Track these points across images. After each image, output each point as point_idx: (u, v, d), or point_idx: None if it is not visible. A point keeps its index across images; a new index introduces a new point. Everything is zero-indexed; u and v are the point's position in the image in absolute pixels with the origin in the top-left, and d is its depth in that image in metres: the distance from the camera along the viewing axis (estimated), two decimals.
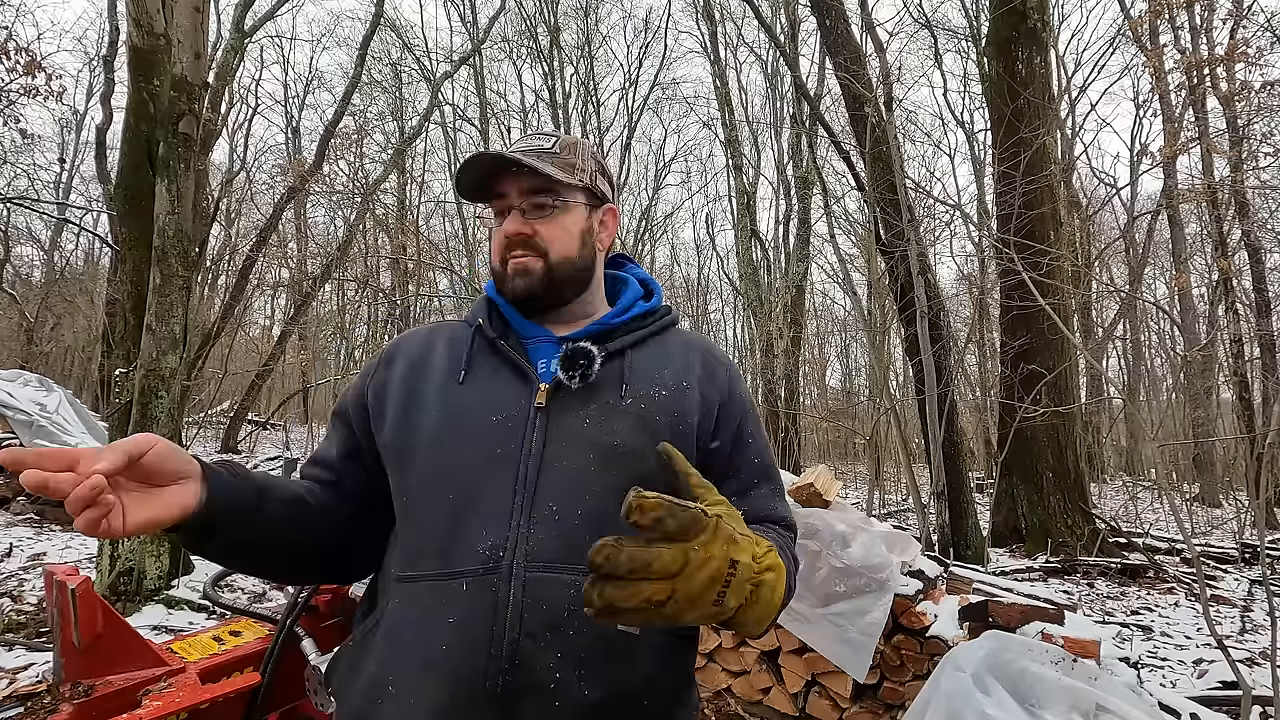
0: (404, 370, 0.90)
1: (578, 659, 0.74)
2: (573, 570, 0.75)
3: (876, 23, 9.47)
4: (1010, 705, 1.72)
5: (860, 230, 12.64)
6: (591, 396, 0.84)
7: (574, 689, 0.74)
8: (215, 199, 11.31)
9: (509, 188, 0.91)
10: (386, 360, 0.94)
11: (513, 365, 0.87)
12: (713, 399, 0.90)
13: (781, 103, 18.22)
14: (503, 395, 0.84)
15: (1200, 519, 10.21)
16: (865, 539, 2.66)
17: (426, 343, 0.94)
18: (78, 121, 18.58)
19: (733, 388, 0.93)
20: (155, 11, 3.88)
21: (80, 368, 17.26)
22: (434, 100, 15.73)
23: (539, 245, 0.90)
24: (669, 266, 26.21)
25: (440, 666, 0.74)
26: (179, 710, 1.05)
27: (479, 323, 0.91)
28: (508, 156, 0.88)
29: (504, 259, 0.91)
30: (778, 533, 0.86)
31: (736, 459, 0.91)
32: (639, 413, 0.83)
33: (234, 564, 0.83)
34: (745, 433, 0.92)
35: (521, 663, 0.73)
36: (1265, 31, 8.26)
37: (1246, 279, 11.20)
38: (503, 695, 0.72)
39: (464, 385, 0.86)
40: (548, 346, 0.90)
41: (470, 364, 0.88)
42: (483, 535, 0.76)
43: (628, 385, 0.85)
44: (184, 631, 2.93)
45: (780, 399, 13.73)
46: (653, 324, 0.94)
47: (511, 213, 0.91)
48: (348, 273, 15.87)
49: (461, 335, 0.93)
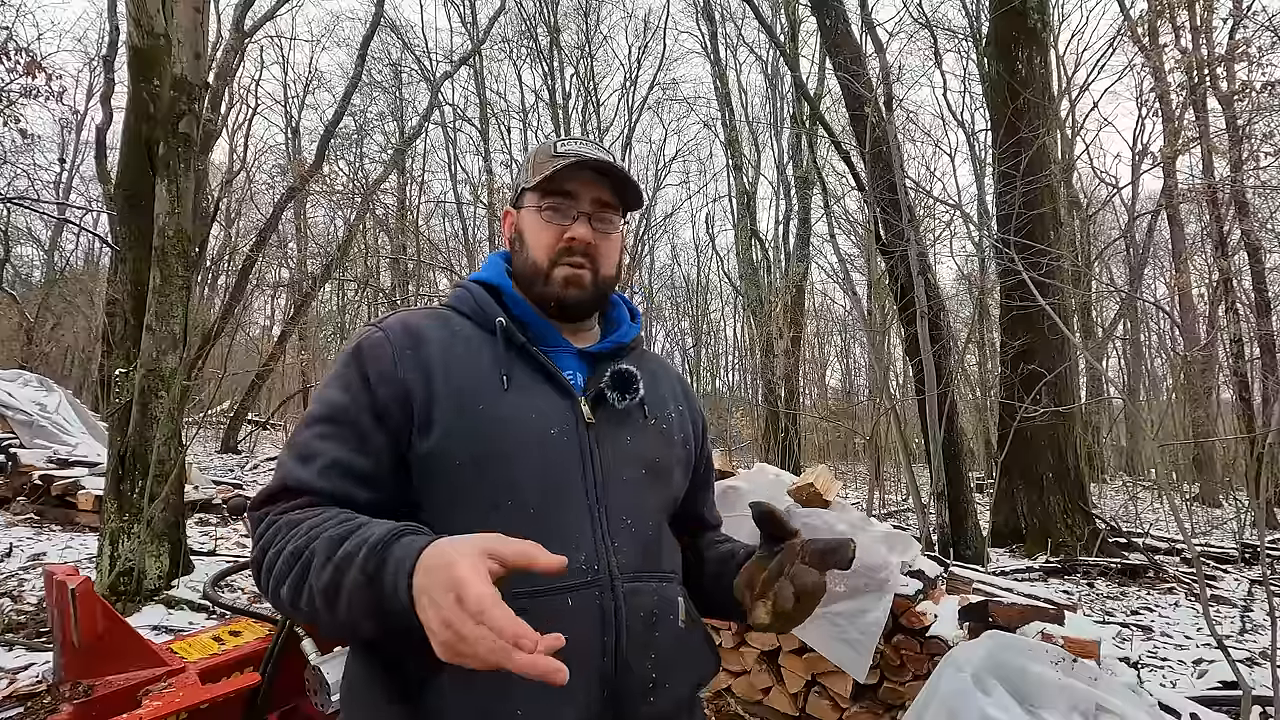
0: (439, 368, 0.81)
1: (665, 661, 0.81)
2: (654, 578, 0.83)
3: (876, 23, 9.47)
4: (1010, 705, 1.72)
5: (860, 230, 12.64)
6: (627, 416, 0.88)
7: (664, 689, 0.80)
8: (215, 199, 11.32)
9: (581, 191, 0.89)
10: (409, 349, 0.81)
11: (550, 376, 0.85)
12: (698, 422, 1.02)
13: (781, 103, 18.25)
14: (551, 407, 0.82)
15: (1200, 519, 10.20)
16: (865, 539, 2.65)
17: (444, 335, 0.85)
18: (78, 121, 18.56)
19: (698, 406, 1.04)
20: (155, 11, 3.88)
21: (80, 368, 17.24)
22: (434, 100, 15.74)
23: (596, 259, 0.90)
24: (669, 266, 26.23)
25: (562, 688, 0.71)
26: (179, 710, 1.05)
27: (501, 321, 0.85)
28: (609, 160, 0.88)
29: (556, 261, 0.88)
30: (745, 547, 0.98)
31: (706, 471, 1.04)
32: (662, 431, 0.91)
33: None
34: (707, 450, 1.05)
35: (629, 669, 0.77)
36: (1265, 31, 8.26)
37: (1246, 279, 11.20)
38: (612, 700, 0.77)
39: (509, 393, 0.81)
40: (569, 358, 0.89)
41: (510, 369, 0.83)
42: (574, 549, 0.76)
43: (648, 405, 0.91)
44: (184, 631, 2.93)
45: (780, 399, 13.73)
46: (641, 345, 0.99)
47: (580, 218, 0.88)
48: (348, 273, 15.88)
49: (476, 333, 0.86)
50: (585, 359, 0.90)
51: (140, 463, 3.75)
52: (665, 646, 0.81)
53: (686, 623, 0.85)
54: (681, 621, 0.85)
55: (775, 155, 18.63)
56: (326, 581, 0.65)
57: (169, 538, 3.94)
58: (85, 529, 5.44)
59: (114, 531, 3.73)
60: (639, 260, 20.30)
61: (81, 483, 5.73)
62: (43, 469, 6.11)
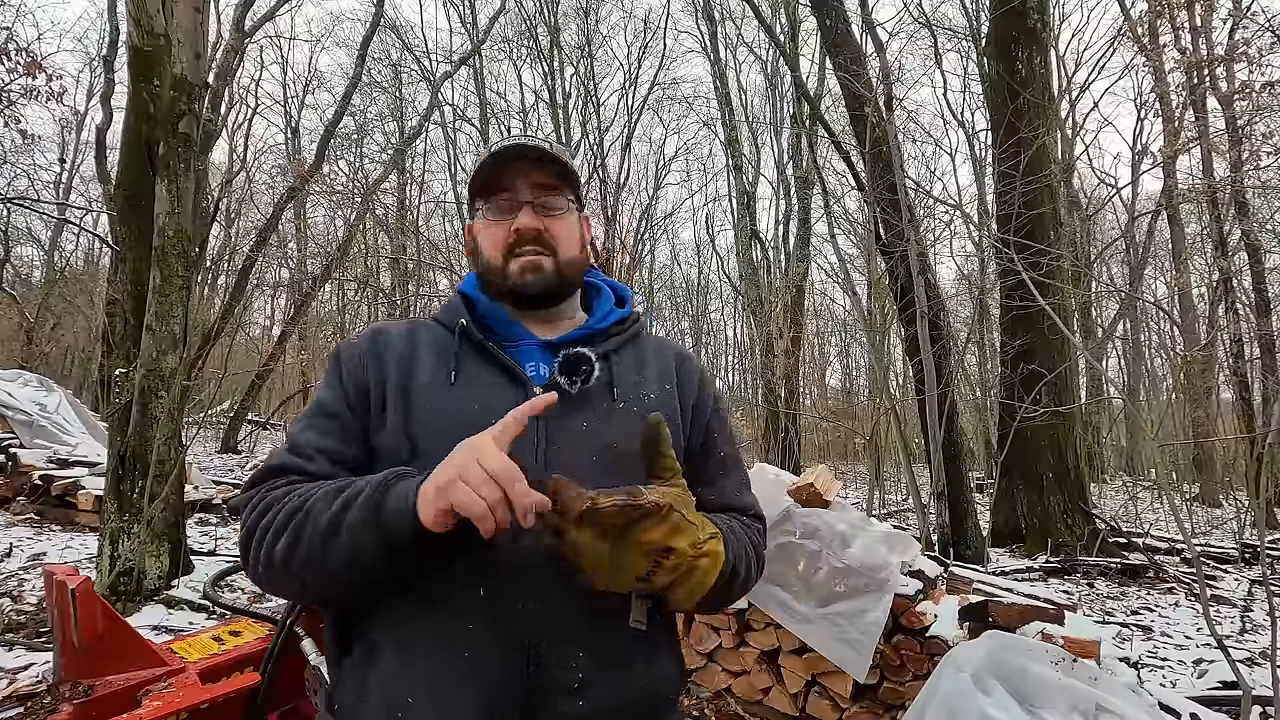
0: (395, 367, 0.86)
1: (605, 661, 0.78)
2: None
3: (876, 23, 9.46)
4: (1010, 705, 1.72)
5: (860, 230, 12.64)
6: (586, 400, 0.85)
7: (598, 690, 0.77)
8: (215, 199, 11.31)
9: (518, 183, 0.90)
10: (374, 352, 0.88)
11: (503, 367, 0.86)
12: (689, 400, 0.95)
13: (781, 102, 18.25)
14: (498, 398, 0.82)
15: (1200, 519, 10.20)
16: (865, 539, 2.66)
17: (409, 340, 0.90)
18: (78, 121, 18.57)
19: (704, 388, 0.98)
20: (155, 11, 3.88)
21: (80, 368, 17.26)
22: (434, 100, 15.74)
23: (550, 243, 0.90)
24: (669, 266, 26.23)
25: (468, 676, 0.73)
26: (179, 710, 1.05)
27: (461, 322, 0.88)
28: (534, 144, 0.88)
29: (509, 254, 0.89)
30: (741, 522, 0.90)
31: (709, 453, 0.95)
32: (633, 414, 0.85)
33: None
34: (714, 429, 0.97)
35: (549, 665, 0.75)
36: (1265, 31, 8.26)
37: (1246, 279, 11.20)
38: (527, 698, 0.74)
39: (456, 386, 0.84)
40: (532, 349, 0.90)
41: (459, 364, 0.85)
42: (513, 539, 0.75)
43: (617, 389, 0.88)
44: (184, 631, 2.93)
45: (780, 399, 13.73)
46: (629, 329, 0.96)
47: (524, 208, 0.89)
48: (348, 273, 15.87)
49: (442, 335, 0.90)
50: (550, 350, 0.89)
51: (140, 463, 3.75)
52: (606, 646, 0.78)
53: (639, 623, 0.81)
54: (634, 622, 0.80)
55: (775, 155, 18.65)
56: (326, 524, 0.72)
57: (169, 538, 3.94)
58: (85, 529, 5.44)
59: (114, 531, 3.73)
60: (639, 260, 20.29)
61: (81, 483, 5.73)
62: (43, 469, 6.11)
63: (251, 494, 0.81)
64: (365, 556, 0.71)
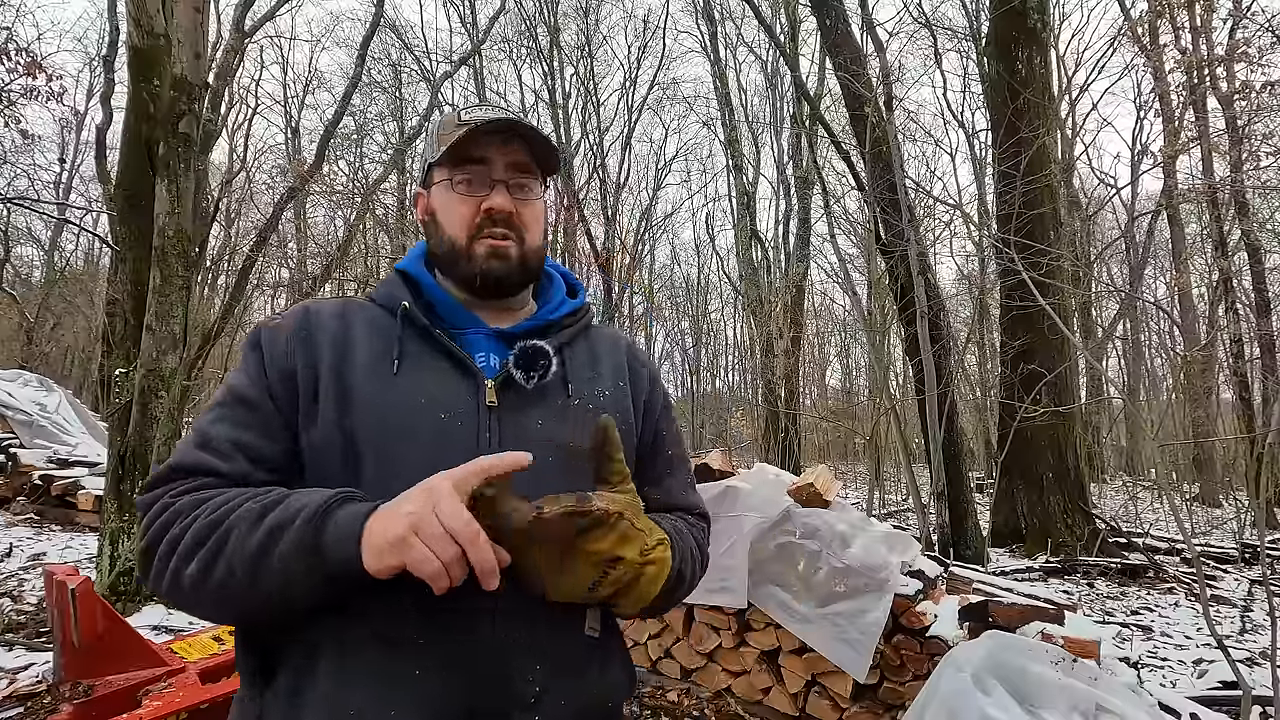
0: (329, 351, 0.77)
1: (560, 670, 0.74)
2: None
3: (876, 23, 9.47)
4: (1010, 705, 1.72)
5: (860, 230, 12.64)
6: (541, 396, 0.80)
7: (554, 701, 0.73)
8: (215, 199, 11.30)
9: (493, 157, 0.83)
10: (303, 334, 0.78)
11: (452, 357, 0.79)
12: (641, 397, 0.91)
13: (781, 102, 18.24)
14: (447, 390, 0.76)
15: (1200, 519, 10.20)
16: (865, 539, 2.66)
17: (342, 321, 0.80)
18: (78, 121, 18.56)
19: (655, 385, 0.95)
20: (155, 11, 3.88)
21: (80, 368, 17.24)
22: (434, 100, 15.71)
23: (519, 229, 0.83)
24: (669, 266, 26.26)
25: (415, 693, 0.68)
26: (179, 710, 1.05)
27: (404, 305, 0.79)
28: (517, 119, 0.81)
29: (476, 235, 0.82)
30: (687, 522, 0.88)
31: (656, 452, 0.92)
32: (588, 411, 0.82)
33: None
34: (663, 427, 0.94)
35: (508, 677, 0.71)
36: (1265, 31, 8.25)
37: (1246, 279, 11.20)
38: (487, 713, 0.70)
39: (399, 377, 0.76)
40: (481, 339, 0.83)
41: (402, 352, 0.78)
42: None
43: (572, 385, 0.83)
44: (184, 631, 2.93)
45: (780, 399, 13.73)
46: (581, 321, 0.90)
47: (497, 186, 0.82)
48: (348, 273, 15.86)
49: (380, 317, 0.82)
50: (503, 340, 0.83)
51: (140, 463, 3.75)
52: (562, 655, 0.75)
53: (594, 630, 0.78)
54: (589, 629, 0.77)
55: (775, 155, 18.64)
56: (255, 548, 0.64)
57: None
58: (85, 529, 5.45)
59: (114, 531, 3.73)
60: (639, 260, 20.30)
61: (81, 483, 5.73)
62: (43, 469, 6.12)
63: (151, 497, 0.71)
64: (297, 587, 0.64)
